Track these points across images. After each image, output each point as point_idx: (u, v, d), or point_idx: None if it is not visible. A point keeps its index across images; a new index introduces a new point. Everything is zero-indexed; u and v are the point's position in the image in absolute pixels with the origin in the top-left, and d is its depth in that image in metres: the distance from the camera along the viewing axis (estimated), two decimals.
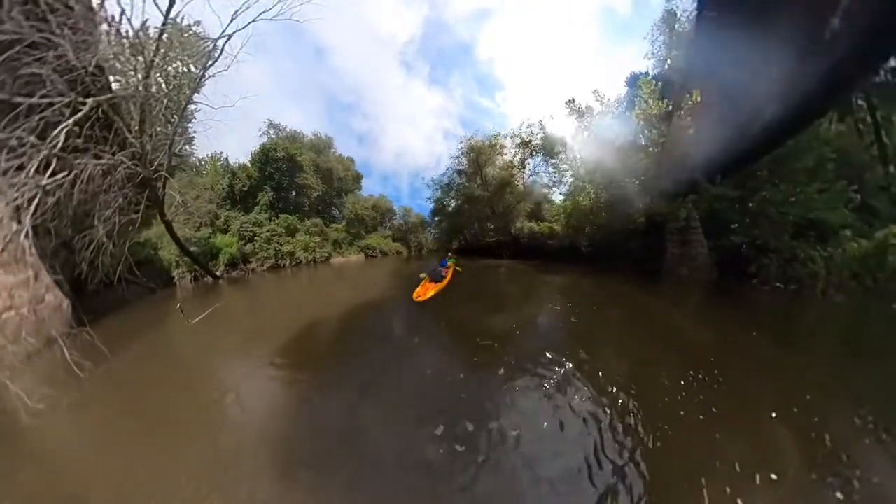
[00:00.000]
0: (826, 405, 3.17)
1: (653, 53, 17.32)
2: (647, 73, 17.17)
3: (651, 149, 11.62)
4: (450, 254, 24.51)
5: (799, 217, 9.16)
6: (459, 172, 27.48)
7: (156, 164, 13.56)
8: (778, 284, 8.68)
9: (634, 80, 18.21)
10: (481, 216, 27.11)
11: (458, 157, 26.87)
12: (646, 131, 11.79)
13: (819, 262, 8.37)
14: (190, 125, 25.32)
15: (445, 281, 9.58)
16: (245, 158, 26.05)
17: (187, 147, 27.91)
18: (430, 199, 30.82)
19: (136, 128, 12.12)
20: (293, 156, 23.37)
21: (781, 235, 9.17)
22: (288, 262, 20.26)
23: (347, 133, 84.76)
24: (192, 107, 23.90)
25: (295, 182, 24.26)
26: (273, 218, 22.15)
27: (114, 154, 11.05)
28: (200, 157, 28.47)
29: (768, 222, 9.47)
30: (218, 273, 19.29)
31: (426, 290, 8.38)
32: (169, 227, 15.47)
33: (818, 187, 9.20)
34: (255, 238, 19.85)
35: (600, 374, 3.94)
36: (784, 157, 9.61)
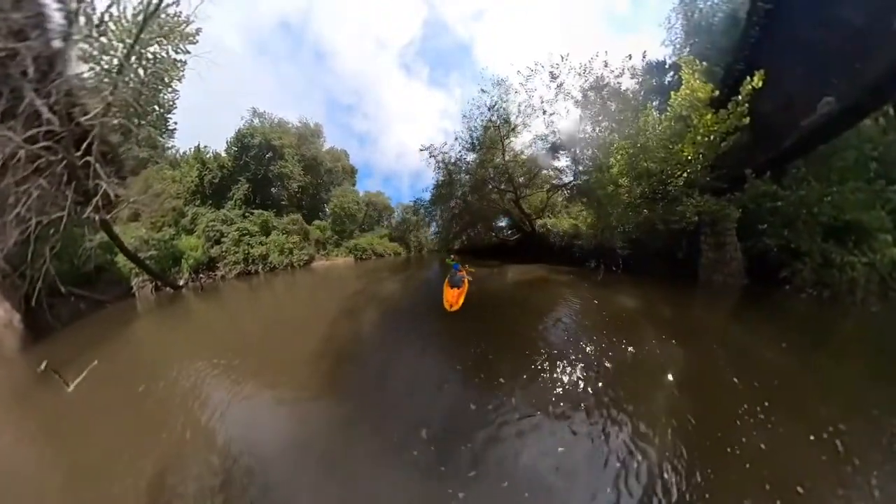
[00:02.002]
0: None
1: (670, 41, 16.88)
2: (664, 62, 16.98)
3: (700, 137, 10.47)
4: (452, 255, 21.97)
5: (832, 218, 9.01)
6: (473, 147, 20.72)
7: (83, 147, 11.27)
8: (810, 291, 8.67)
9: (651, 69, 17.46)
10: (494, 207, 21.89)
11: (469, 120, 19.92)
12: (692, 117, 10.62)
13: (858, 268, 8.22)
14: (170, 116, 23.57)
15: (466, 284, 9.84)
16: None
17: (162, 138, 25.87)
18: (429, 162, 23.34)
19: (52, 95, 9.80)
20: (269, 140, 20.84)
21: (815, 238, 9.09)
22: (260, 268, 17.80)
23: (348, 134, 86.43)
24: (169, 95, 21.79)
25: (272, 172, 21.77)
26: (247, 215, 19.80)
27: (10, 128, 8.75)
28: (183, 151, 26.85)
29: (802, 224, 9.29)
30: (181, 282, 17.06)
31: (456, 298, 8.40)
32: (107, 227, 13.20)
33: (853, 186, 9.10)
34: (223, 239, 17.47)
35: None
36: (825, 153, 9.70)
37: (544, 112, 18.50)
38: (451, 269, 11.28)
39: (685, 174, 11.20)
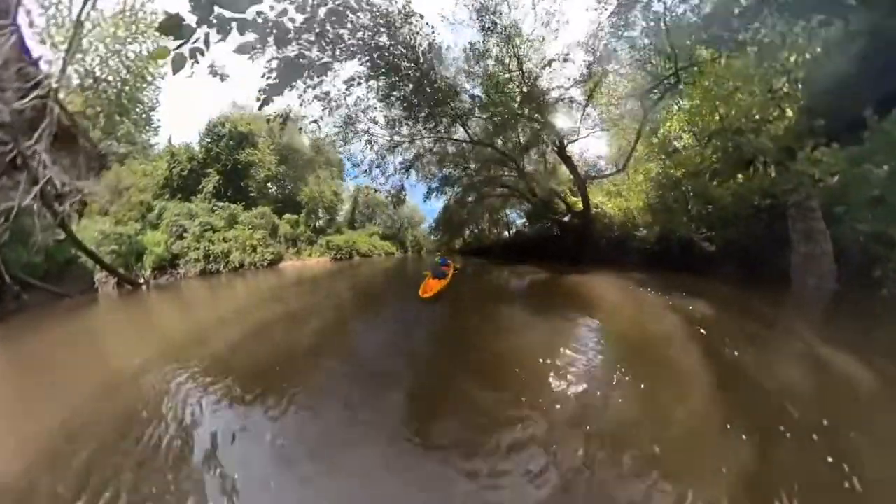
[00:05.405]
0: None
1: None
2: None
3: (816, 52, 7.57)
4: (439, 253, 21.92)
5: None
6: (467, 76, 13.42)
7: (36, 137, 12.15)
8: None
9: None
10: (508, 183, 16.10)
11: (455, 28, 14.35)
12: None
13: None
14: (154, 113, 24.96)
15: (448, 279, 10.26)
16: None
17: (146, 135, 27.22)
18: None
19: None
20: (238, 127, 21.35)
21: None
22: (222, 266, 18.20)
23: None
24: (150, 94, 22.76)
25: (241, 162, 22.01)
26: (216, 209, 20.47)
27: None
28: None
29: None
30: (141, 280, 17.83)
31: (432, 288, 8.99)
32: (59, 218, 14.02)
33: None
34: (184, 234, 18.15)
35: None
36: None
37: None
38: (437, 263, 11.63)
39: (784, 119, 8.14)
